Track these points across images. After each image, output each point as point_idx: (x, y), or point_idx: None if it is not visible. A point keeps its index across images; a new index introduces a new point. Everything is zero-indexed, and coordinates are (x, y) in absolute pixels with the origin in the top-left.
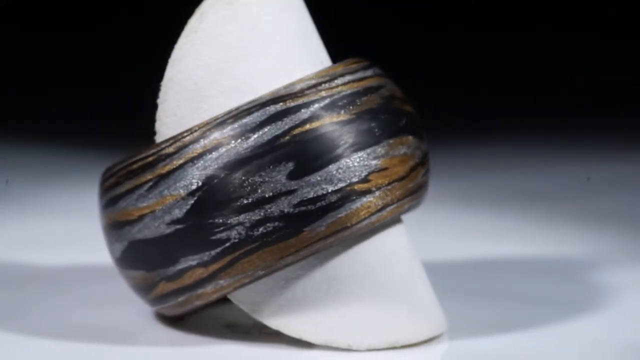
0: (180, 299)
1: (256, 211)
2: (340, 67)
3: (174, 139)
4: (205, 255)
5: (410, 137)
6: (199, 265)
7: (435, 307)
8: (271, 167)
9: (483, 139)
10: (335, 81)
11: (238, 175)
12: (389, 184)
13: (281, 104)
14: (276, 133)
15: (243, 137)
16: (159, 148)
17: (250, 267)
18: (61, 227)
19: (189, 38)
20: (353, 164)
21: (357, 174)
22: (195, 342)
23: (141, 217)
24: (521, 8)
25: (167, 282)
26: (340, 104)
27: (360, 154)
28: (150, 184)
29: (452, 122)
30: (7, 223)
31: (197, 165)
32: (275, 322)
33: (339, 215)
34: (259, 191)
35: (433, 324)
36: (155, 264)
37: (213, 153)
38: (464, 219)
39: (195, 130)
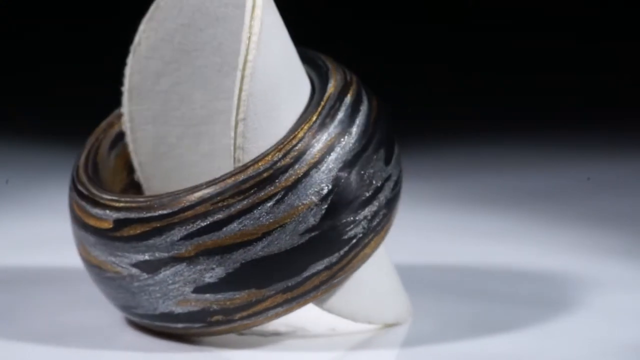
0: (281, 309)
1: (374, 202)
2: (330, 58)
3: (279, 148)
4: (334, 257)
5: None
6: (325, 268)
7: None
8: (375, 156)
9: (481, 139)
10: (347, 70)
11: (357, 170)
12: None
13: (349, 96)
14: (366, 123)
15: (347, 133)
16: (270, 162)
17: (362, 259)
18: (61, 227)
19: (260, 50)
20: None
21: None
22: (197, 348)
23: (267, 234)
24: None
25: (284, 293)
26: (366, 90)
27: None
28: (278, 197)
29: (450, 122)
30: (7, 223)
31: (322, 170)
32: (345, 311)
33: (401, 193)
34: (374, 182)
35: None
36: (274, 278)
37: (331, 154)
38: (463, 219)
39: (302, 138)
